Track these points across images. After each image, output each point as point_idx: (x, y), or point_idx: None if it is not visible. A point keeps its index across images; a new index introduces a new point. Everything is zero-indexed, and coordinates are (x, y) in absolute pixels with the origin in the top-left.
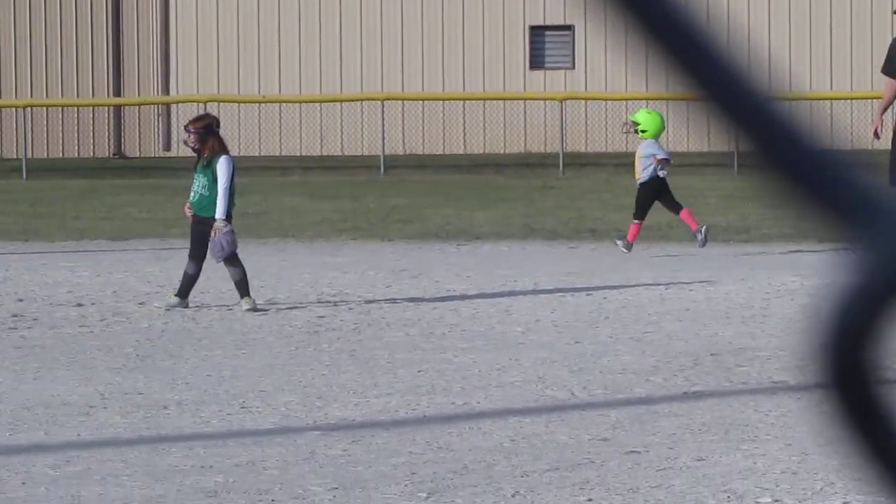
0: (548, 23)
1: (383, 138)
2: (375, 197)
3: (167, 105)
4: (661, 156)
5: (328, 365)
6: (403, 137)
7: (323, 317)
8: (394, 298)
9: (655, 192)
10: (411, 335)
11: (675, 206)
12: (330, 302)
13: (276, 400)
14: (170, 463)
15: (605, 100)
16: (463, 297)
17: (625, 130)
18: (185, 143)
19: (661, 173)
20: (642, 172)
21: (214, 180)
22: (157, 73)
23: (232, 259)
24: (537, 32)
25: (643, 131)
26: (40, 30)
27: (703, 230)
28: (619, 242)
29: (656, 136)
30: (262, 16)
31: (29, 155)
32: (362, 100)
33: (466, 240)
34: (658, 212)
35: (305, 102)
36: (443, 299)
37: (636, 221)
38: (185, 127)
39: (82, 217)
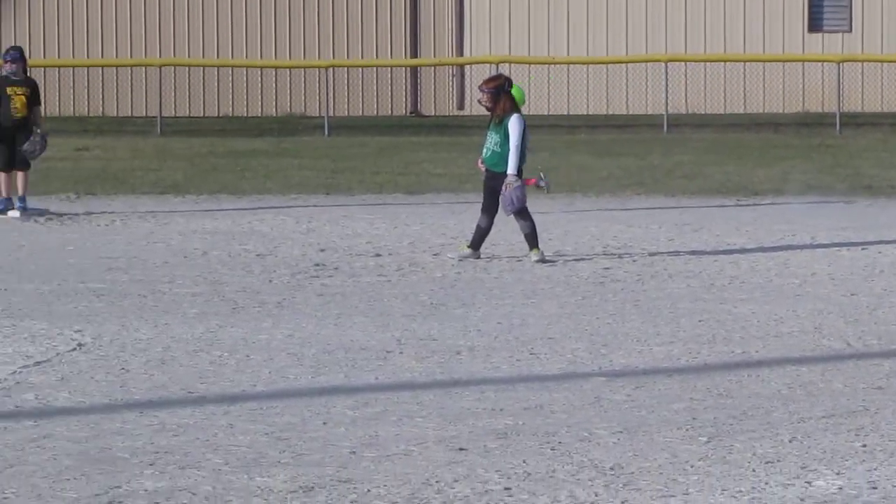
0: None
1: (666, 98)
2: (659, 154)
3: (461, 66)
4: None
5: (613, 314)
6: (686, 97)
7: (608, 268)
8: (676, 251)
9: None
10: (692, 286)
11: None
12: (615, 254)
13: (563, 347)
14: (462, 405)
15: (882, 62)
16: (742, 251)
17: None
18: (479, 101)
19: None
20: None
21: (506, 138)
22: (452, 35)
23: (522, 212)
24: None
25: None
26: None
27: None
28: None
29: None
30: None
31: (331, 113)
32: (647, 61)
33: (746, 195)
34: None
35: (592, 64)
36: (723, 252)
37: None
38: (479, 87)
39: (381, 172)
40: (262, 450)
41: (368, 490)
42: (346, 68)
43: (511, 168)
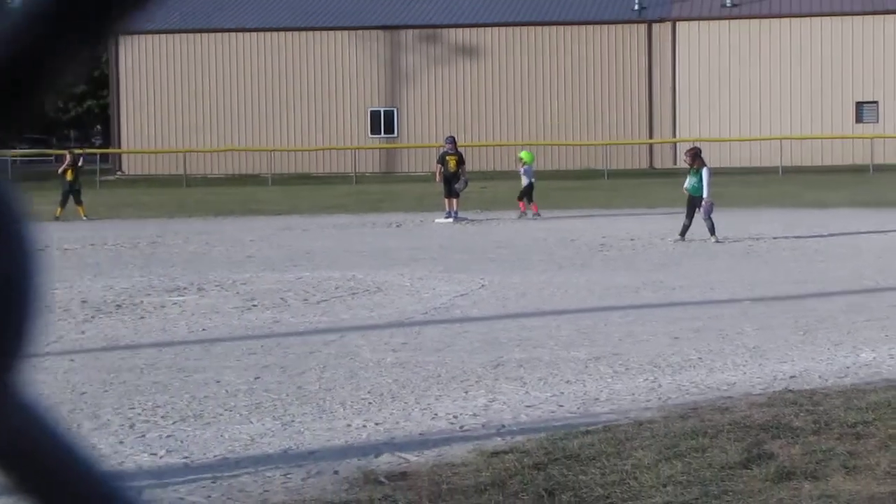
0: None
1: (781, 157)
2: (777, 185)
3: (674, 143)
4: (529, 179)
5: (753, 268)
6: (791, 155)
7: (751, 245)
8: (786, 236)
9: (529, 190)
10: (795, 254)
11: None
12: (754, 238)
13: (727, 285)
14: (675, 315)
15: (893, 138)
16: (821, 236)
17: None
18: (684, 160)
19: (532, 180)
20: (525, 182)
21: (700, 180)
22: (668, 123)
23: (710, 217)
24: None
25: (525, 162)
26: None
27: (528, 214)
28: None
29: (531, 164)
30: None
31: (610, 167)
32: (770, 139)
33: (823, 207)
34: None
35: (744, 141)
36: (811, 237)
37: (521, 201)
38: (685, 153)
39: (635, 196)
40: (574, 338)
41: (629, 359)
42: (617, 146)
43: (706, 194)
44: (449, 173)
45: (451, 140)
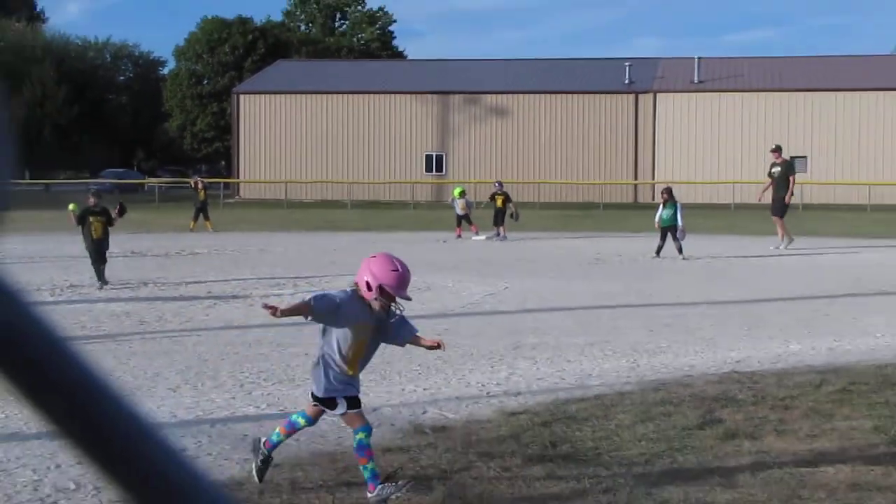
0: None
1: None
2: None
3: (653, 184)
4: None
5: (713, 279)
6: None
7: (710, 262)
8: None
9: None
10: (750, 270)
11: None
12: (714, 257)
13: (693, 292)
14: (651, 314)
15: None
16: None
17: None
18: (662, 195)
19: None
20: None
21: (674, 211)
22: (648, 166)
23: (683, 239)
24: None
25: (454, 197)
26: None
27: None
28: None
29: (457, 198)
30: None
31: (604, 200)
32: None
33: None
34: None
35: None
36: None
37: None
38: (662, 191)
39: (624, 223)
40: (574, 329)
41: (615, 345)
42: (610, 185)
43: (680, 223)
44: (497, 209)
45: (500, 184)
